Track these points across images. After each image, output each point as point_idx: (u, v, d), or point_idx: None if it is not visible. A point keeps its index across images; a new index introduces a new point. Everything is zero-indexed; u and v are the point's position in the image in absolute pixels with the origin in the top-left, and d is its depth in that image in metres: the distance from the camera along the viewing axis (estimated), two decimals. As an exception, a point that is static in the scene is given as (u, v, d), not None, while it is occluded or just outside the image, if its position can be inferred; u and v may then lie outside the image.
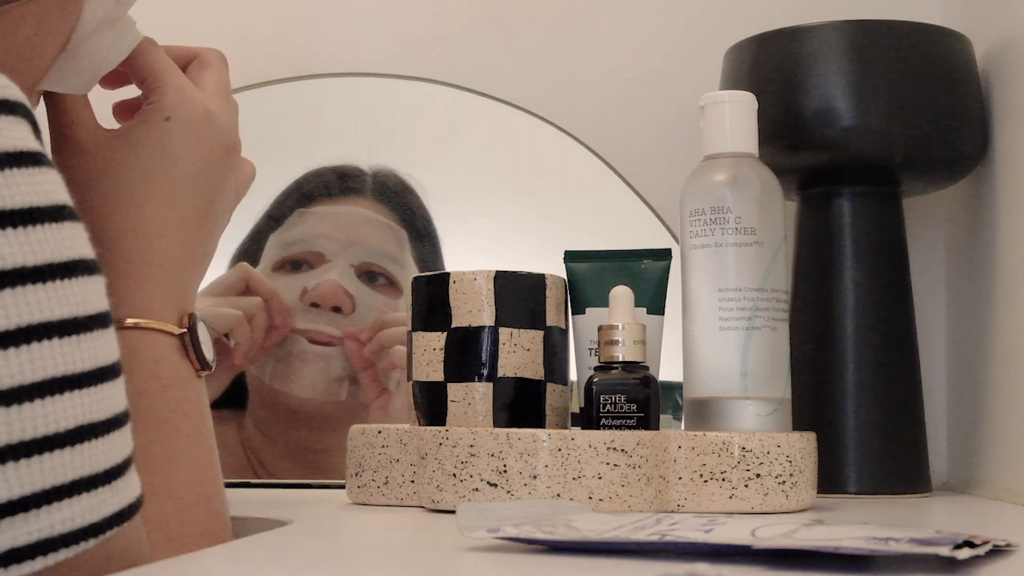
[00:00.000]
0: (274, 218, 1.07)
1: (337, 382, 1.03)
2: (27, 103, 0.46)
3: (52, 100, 0.67)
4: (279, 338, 1.03)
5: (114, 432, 0.46)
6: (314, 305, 1.03)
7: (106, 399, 0.46)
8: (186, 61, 0.72)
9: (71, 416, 0.44)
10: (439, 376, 0.78)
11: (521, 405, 0.78)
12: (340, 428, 1.01)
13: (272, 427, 1.04)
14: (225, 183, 0.70)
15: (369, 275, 1.04)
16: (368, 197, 1.07)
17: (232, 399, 1.04)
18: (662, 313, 0.83)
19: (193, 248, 0.67)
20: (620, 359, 0.76)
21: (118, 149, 0.66)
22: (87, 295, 0.45)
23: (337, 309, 1.03)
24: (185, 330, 0.65)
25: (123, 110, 0.73)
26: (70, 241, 0.45)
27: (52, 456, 0.43)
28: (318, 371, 1.03)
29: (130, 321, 0.63)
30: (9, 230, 0.43)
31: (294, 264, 1.05)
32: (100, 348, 0.46)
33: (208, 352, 0.67)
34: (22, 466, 0.42)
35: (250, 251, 1.06)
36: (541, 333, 0.79)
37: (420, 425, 0.79)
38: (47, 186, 0.45)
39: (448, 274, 0.79)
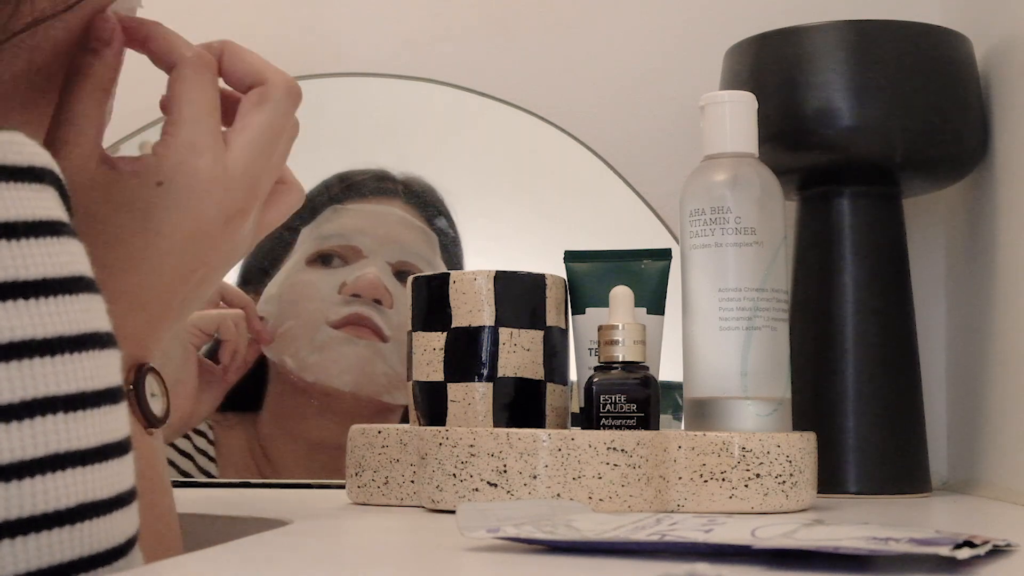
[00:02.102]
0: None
1: (379, 376, 1.03)
2: (56, 169, 0.45)
3: (60, 103, 0.61)
4: (257, 352, 1.03)
5: (118, 511, 0.45)
6: (355, 296, 1.04)
7: (111, 477, 0.44)
8: (250, 83, 0.65)
9: (72, 493, 0.43)
10: (439, 376, 0.78)
11: (521, 405, 0.78)
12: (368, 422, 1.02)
13: (296, 422, 1.04)
14: (217, 251, 0.63)
15: (404, 275, 1.04)
16: (401, 199, 1.08)
17: (242, 402, 1.04)
18: (662, 313, 0.83)
19: (160, 315, 0.62)
20: (620, 359, 0.76)
21: (98, 200, 0.59)
22: (97, 369, 0.44)
23: (378, 302, 1.03)
24: (131, 386, 0.60)
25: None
26: (84, 314, 0.44)
27: (51, 534, 0.42)
28: (359, 361, 1.03)
29: None
30: (20, 302, 0.42)
31: (324, 258, 1.06)
32: (107, 424, 0.45)
33: (157, 407, 0.61)
34: (18, 544, 0.41)
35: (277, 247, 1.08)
36: (541, 333, 0.79)
37: (420, 425, 0.79)
38: (64, 257, 0.44)
39: (448, 274, 0.79)
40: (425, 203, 1.08)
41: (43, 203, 0.44)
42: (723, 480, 0.72)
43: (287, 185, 0.69)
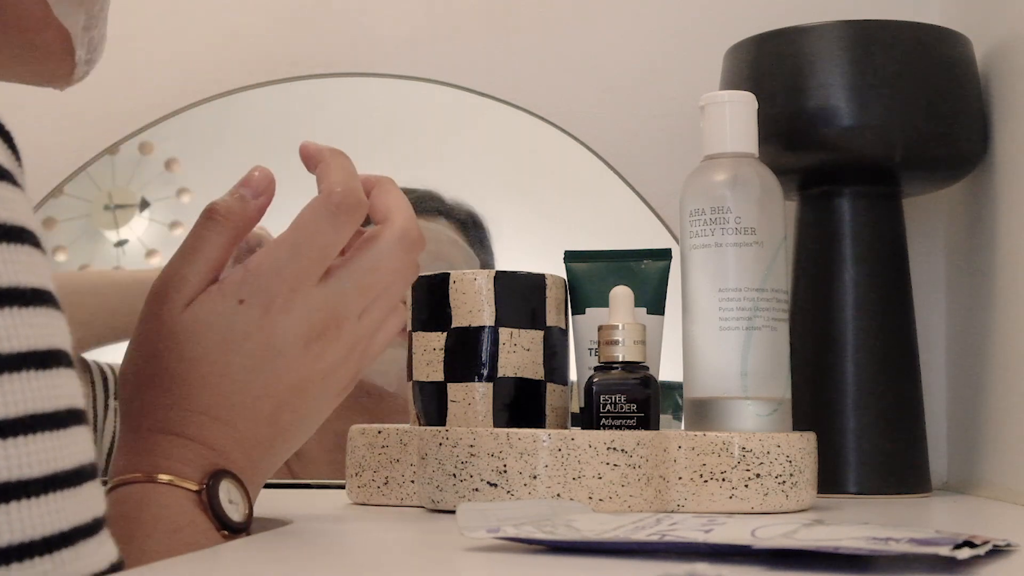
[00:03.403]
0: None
1: None
2: None
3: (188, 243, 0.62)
4: None
5: (56, 492, 0.40)
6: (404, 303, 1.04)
7: (44, 451, 0.40)
8: (378, 220, 0.65)
9: None
10: (439, 376, 0.78)
11: (521, 405, 0.78)
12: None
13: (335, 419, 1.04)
14: (297, 373, 0.62)
15: None
16: (444, 218, 1.07)
17: None
18: (662, 313, 0.83)
19: (247, 429, 0.60)
20: (620, 359, 0.76)
21: (188, 319, 0.60)
22: (16, 328, 0.39)
23: None
24: (203, 486, 0.58)
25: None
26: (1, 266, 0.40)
27: None
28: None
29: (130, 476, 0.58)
30: None
31: None
32: (35, 392, 0.40)
33: (236, 514, 0.59)
34: None
35: None
36: (541, 333, 0.79)
37: (420, 425, 0.79)
38: None
39: (448, 274, 0.79)
40: (471, 230, 1.07)
41: None
42: (723, 480, 0.72)
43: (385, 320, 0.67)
